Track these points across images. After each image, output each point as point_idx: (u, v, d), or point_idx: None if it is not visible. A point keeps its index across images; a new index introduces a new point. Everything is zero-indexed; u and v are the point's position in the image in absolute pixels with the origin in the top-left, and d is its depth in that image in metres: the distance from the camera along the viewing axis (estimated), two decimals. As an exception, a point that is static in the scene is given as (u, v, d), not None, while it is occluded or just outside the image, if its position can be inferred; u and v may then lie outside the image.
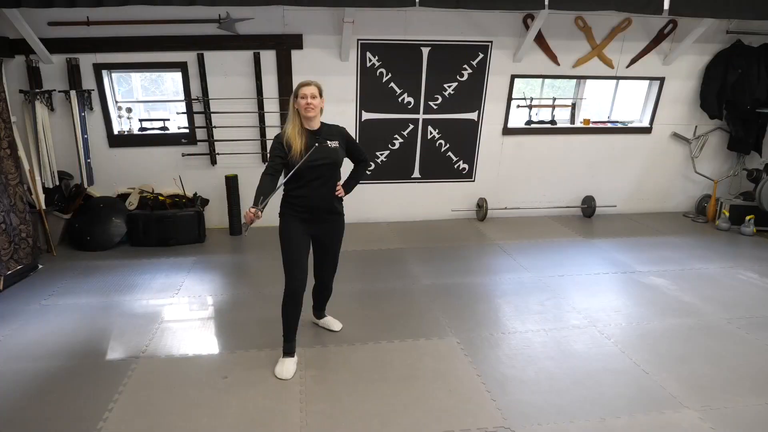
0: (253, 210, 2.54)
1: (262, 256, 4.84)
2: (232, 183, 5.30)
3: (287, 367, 2.92)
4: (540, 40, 5.34)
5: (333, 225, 2.98)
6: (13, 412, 2.62)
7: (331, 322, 3.46)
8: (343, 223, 3.05)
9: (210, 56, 5.02)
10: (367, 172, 3.16)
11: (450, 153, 5.78)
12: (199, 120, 5.22)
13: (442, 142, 5.71)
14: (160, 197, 5.27)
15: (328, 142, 2.80)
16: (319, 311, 3.47)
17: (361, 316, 3.64)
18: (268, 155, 2.83)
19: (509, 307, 3.82)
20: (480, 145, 5.78)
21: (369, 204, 5.76)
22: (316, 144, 2.73)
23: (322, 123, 2.85)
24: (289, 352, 2.98)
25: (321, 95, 2.78)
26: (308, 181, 2.77)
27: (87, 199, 5.19)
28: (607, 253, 4.98)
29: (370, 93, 5.37)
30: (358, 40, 5.11)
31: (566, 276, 4.40)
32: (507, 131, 5.77)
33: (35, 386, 2.83)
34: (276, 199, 2.81)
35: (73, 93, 4.79)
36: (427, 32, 5.20)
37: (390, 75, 5.34)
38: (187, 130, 5.29)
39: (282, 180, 2.71)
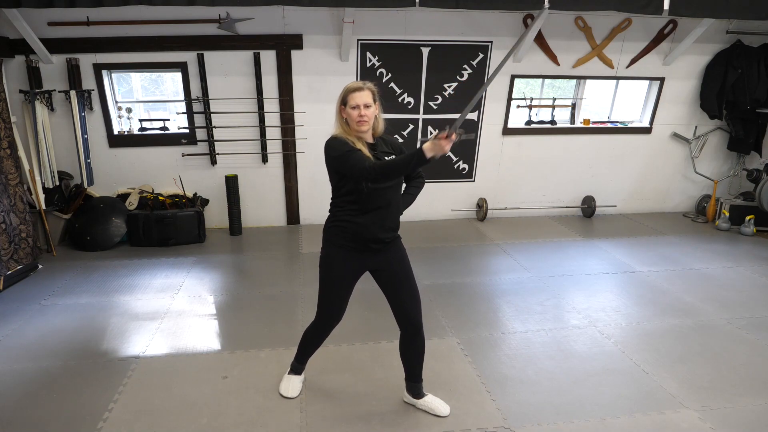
0: (445, 134, 1.88)
1: (262, 256, 4.84)
2: (232, 183, 5.30)
3: (293, 384, 2.74)
4: (540, 40, 5.34)
5: (396, 249, 2.42)
6: (13, 412, 2.62)
7: (437, 404, 2.58)
8: (401, 243, 2.47)
9: (210, 56, 5.02)
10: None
11: (450, 153, 5.78)
12: (199, 120, 5.23)
13: (442, 142, 5.70)
14: (160, 197, 5.27)
15: (386, 158, 2.26)
16: (415, 381, 2.58)
17: (361, 316, 3.64)
18: (344, 154, 2.15)
19: (509, 307, 3.82)
20: (480, 145, 5.78)
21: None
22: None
23: (376, 135, 2.35)
24: (297, 371, 2.78)
25: (375, 101, 2.26)
26: (371, 207, 2.24)
27: (87, 199, 5.19)
28: (607, 253, 4.98)
29: (370, 93, 5.37)
30: (358, 40, 5.11)
31: (566, 276, 4.40)
32: (507, 131, 5.77)
33: (35, 386, 2.83)
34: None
35: (73, 93, 4.79)
36: (427, 32, 5.20)
37: (390, 75, 5.34)
38: (187, 130, 5.29)
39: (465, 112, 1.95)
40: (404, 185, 2.58)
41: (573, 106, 6.01)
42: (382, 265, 2.39)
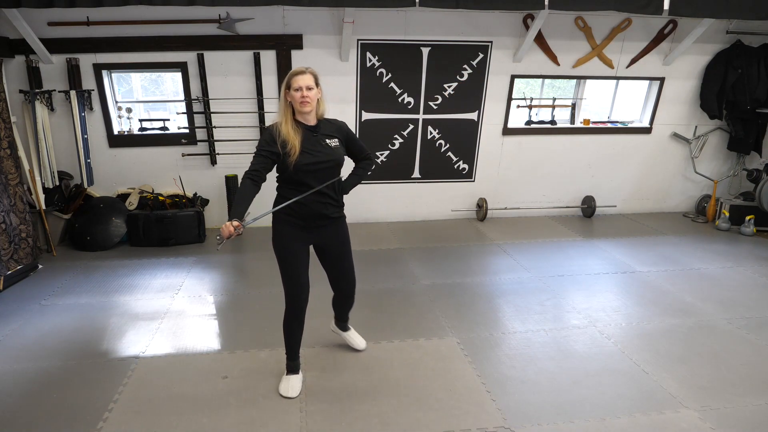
0: (235, 224, 2.21)
1: (262, 256, 4.83)
2: (232, 183, 5.29)
3: (292, 384, 2.76)
4: (540, 40, 5.34)
5: (335, 228, 2.66)
6: (13, 412, 2.62)
7: (356, 338, 3.15)
8: (346, 225, 2.74)
9: (210, 56, 5.02)
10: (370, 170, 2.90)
11: (450, 153, 5.78)
12: (199, 120, 5.23)
13: (442, 142, 5.71)
14: (160, 197, 5.27)
15: (327, 140, 2.49)
16: (342, 322, 3.11)
17: (361, 316, 3.63)
18: (257, 150, 2.43)
19: (509, 307, 3.82)
20: (480, 145, 5.78)
21: (369, 204, 5.76)
22: (319, 142, 2.47)
23: (319, 117, 2.53)
24: (293, 370, 2.80)
25: (317, 84, 2.44)
26: (307, 184, 2.47)
27: (87, 199, 5.19)
28: (607, 253, 4.98)
29: (370, 93, 5.37)
30: (358, 40, 5.11)
31: (566, 276, 4.40)
32: (507, 131, 5.77)
33: (35, 386, 2.83)
34: (268, 204, 2.66)
35: (73, 93, 4.79)
36: (427, 32, 5.20)
37: (390, 75, 5.34)
38: (187, 130, 5.29)
39: (281, 206, 2.45)
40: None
41: (573, 106, 6.01)
42: (325, 242, 2.68)
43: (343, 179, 2.70)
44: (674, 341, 3.34)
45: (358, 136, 5.39)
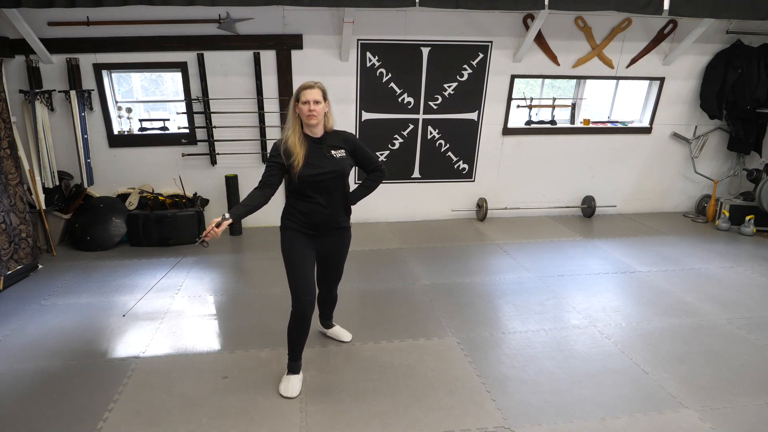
0: (216, 220, 2.36)
1: (262, 256, 4.84)
2: (232, 183, 5.30)
3: (293, 384, 2.76)
4: (540, 40, 5.34)
5: (339, 239, 2.77)
6: (13, 412, 2.62)
7: (341, 332, 3.30)
8: (350, 236, 2.82)
9: (210, 56, 5.02)
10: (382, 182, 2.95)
11: (450, 153, 5.78)
12: (199, 120, 5.23)
13: (442, 142, 5.71)
14: (160, 197, 5.27)
15: (333, 151, 2.55)
16: (326, 320, 3.29)
17: (361, 316, 3.64)
18: (267, 161, 2.58)
19: (509, 307, 3.82)
20: (480, 145, 5.78)
21: (369, 204, 5.71)
22: (325, 154, 2.55)
23: (327, 130, 2.61)
24: (294, 370, 2.81)
25: (325, 99, 2.52)
26: (312, 195, 2.55)
27: (87, 199, 5.19)
28: (607, 253, 4.98)
29: (370, 93, 5.37)
30: (358, 40, 5.11)
31: (566, 276, 4.40)
32: (507, 131, 5.77)
33: (35, 386, 2.83)
34: (277, 211, 2.74)
35: (73, 93, 4.79)
36: (427, 32, 5.20)
37: (390, 75, 5.34)
38: (187, 130, 5.29)
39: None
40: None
41: (573, 106, 6.01)
42: (328, 248, 2.77)
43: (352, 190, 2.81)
44: (674, 341, 3.34)
45: (357, 136, 5.44)
